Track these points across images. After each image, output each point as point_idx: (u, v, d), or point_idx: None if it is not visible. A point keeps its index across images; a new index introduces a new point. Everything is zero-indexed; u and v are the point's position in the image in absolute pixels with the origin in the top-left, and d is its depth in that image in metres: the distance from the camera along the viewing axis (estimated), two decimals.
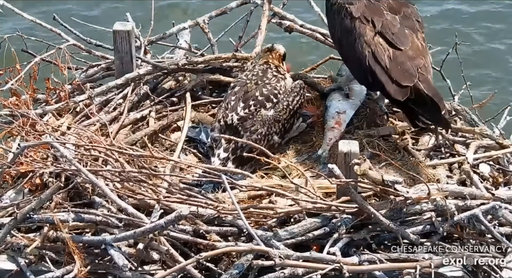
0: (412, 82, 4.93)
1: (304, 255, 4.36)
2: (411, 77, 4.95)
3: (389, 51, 5.07)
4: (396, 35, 5.15)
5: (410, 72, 4.98)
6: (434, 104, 4.90)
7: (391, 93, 4.97)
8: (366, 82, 5.22)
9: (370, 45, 5.11)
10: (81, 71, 6.03)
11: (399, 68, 5.00)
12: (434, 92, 4.95)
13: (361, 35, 5.17)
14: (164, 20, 7.44)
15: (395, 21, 5.22)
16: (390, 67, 5.01)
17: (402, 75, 4.97)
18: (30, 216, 4.53)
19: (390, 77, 4.98)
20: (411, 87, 4.92)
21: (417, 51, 5.12)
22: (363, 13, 5.25)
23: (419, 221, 4.65)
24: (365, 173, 4.44)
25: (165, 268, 4.46)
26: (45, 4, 10.61)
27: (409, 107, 5.01)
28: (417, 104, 4.96)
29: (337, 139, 5.26)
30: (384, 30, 5.16)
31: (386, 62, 5.03)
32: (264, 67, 5.49)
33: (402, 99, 4.91)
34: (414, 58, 5.06)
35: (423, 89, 4.92)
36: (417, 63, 5.04)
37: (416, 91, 4.92)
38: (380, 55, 5.06)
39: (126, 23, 5.82)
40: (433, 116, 4.98)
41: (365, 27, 5.19)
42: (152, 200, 4.62)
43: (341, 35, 5.36)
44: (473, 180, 4.95)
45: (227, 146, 5.14)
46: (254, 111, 5.26)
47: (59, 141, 4.78)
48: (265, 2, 6.22)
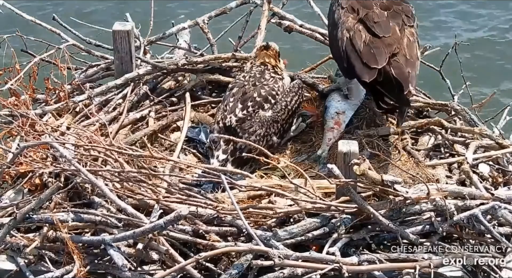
0: (381, 65, 4.95)
1: (303, 255, 4.36)
2: (381, 60, 4.97)
3: (366, 37, 5.11)
4: (378, 24, 5.19)
5: (382, 56, 5.00)
6: (398, 84, 4.92)
7: (358, 74, 4.99)
8: (343, 69, 5.26)
9: (349, 31, 5.17)
10: (81, 71, 6.03)
11: (371, 52, 5.02)
12: (402, 75, 4.96)
13: (343, 23, 5.24)
14: (164, 20, 7.44)
15: (382, 15, 5.27)
16: (363, 51, 5.04)
17: (372, 58, 4.99)
18: (30, 216, 4.53)
19: (361, 60, 5.02)
20: (380, 70, 4.93)
21: (396, 41, 5.13)
22: (351, 4, 5.32)
23: (418, 221, 4.65)
24: (365, 173, 4.44)
25: (165, 268, 4.45)
26: (45, 4, 10.62)
27: (378, 90, 5.01)
28: (385, 87, 4.97)
29: (336, 139, 5.26)
30: (367, 19, 5.21)
31: (360, 46, 5.07)
32: (261, 69, 5.48)
33: (368, 80, 4.93)
34: (390, 45, 5.09)
35: (391, 72, 4.94)
36: (392, 49, 5.06)
37: (385, 74, 4.94)
38: (356, 40, 5.10)
39: (126, 23, 5.82)
40: (396, 96, 4.97)
41: (349, 15, 5.26)
42: (152, 200, 4.62)
43: (331, 27, 5.46)
44: (472, 180, 4.94)
45: (226, 147, 5.14)
46: (252, 112, 5.26)
47: (58, 141, 4.78)
48: (265, 2, 6.23)
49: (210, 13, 6.40)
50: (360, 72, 4.99)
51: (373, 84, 4.96)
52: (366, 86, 5.12)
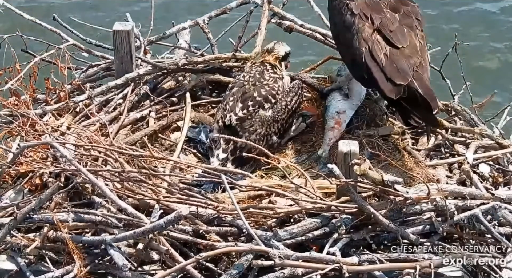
0: (406, 81, 4.92)
1: (303, 255, 4.36)
2: (406, 75, 4.94)
3: (386, 49, 5.06)
4: (394, 33, 5.13)
5: (405, 70, 4.96)
6: (425, 103, 4.90)
7: (384, 91, 4.95)
8: (362, 78, 5.21)
9: (367, 42, 5.09)
10: (81, 71, 6.02)
11: (394, 66, 4.99)
12: (427, 91, 4.93)
13: (359, 32, 5.15)
14: (164, 20, 7.44)
15: (394, 19, 5.21)
16: (386, 64, 5.00)
17: (397, 73, 4.95)
18: (30, 216, 4.53)
19: (385, 74, 4.97)
20: (405, 86, 4.91)
21: (414, 49, 5.11)
22: (362, 9, 5.24)
23: (419, 221, 4.65)
24: (365, 173, 4.44)
25: (165, 268, 4.45)
26: (45, 4, 10.62)
27: (402, 105, 4.99)
28: (410, 103, 4.94)
29: (337, 139, 5.26)
30: (382, 27, 5.15)
31: (382, 59, 5.02)
32: (261, 69, 5.48)
33: (395, 97, 4.90)
34: (410, 57, 5.05)
35: (416, 88, 4.91)
36: (413, 62, 5.03)
37: (409, 90, 4.91)
38: (377, 52, 5.05)
39: (126, 23, 5.82)
40: (424, 115, 4.97)
41: (364, 23, 5.18)
42: (152, 200, 4.62)
43: (340, 31, 5.36)
44: (473, 180, 4.95)
45: (226, 147, 5.14)
46: (252, 111, 5.27)
47: (58, 141, 4.78)
48: (265, 2, 6.23)
49: (210, 13, 6.39)
50: (385, 88, 4.94)
51: (398, 100, 4.93)
52: (390, 102, 5.10)
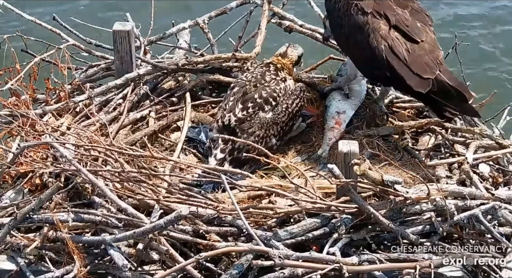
0: (434, 75, 4.92)
1: (303, 255, 4.36)
2: (432, 69, 4.94)
3: (407, 44, 5.04)
4: (411, 28, 5.11)
5: (430, 64, 4.96)
6: (459, 95, 4.89)
7: (412, 86, 4.93)
8: (381, 77, 5.16)
9: (386, 39, 5.06)
10: (81, 71, 6.02)
11: (418, 60, 4.97)
12: (458, 82, 4.95)
13: (375, 30, 5.12)
14: (164, 20, 7.43)
15: (406, 15, 5.20)
16: (410, 60, 4.98)
17: (423, 67, 4.94)
18: (30, 216, 4.53)
19: (410, 70, 4.95)
20: (433, 79, 4.91)
21: (432, 43, 5.11)
22: (374, 8, 5.20)
23: (418, 221, 4.65)
24: (365, 173, 4.44)
25: (165, 268, 4.46)
26: (45, 3, 10.62)
27: (432, 99, 4.97)
28: (442, 96, 4.93)
29: (337, 139, 5.26)
30: (398, 23, 5.13)
31: (404, 55, 5.00)
32: (263, 70, 5.46)
33: (424, 91, 4.89)
34: (432, 50, 5.05)
35: (446, 81, 4.91)
36: (435, 55, 5.03)
37: (438, 83, 4.90)
38: (398, 49, 5.02)
39: (126, 23, 5.82)
40: (461, 106, 4.96)
41: (379, 22, 5.14)
42: (152, 200, 4.62)
43: (349, 31, 5.27)
44: (472, 180, 4.95)
45: (224, 147, 5.14)
46: (252, 113, 5.26)
47: (58, 141, 4.78)
48: (265, 2, 6.23)
49: (210, 13, 6.39)
50: (412, 83, 4.93)
51: (427, 94, 4.92)
52: (419, 97, 5.09)
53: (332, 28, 5.55)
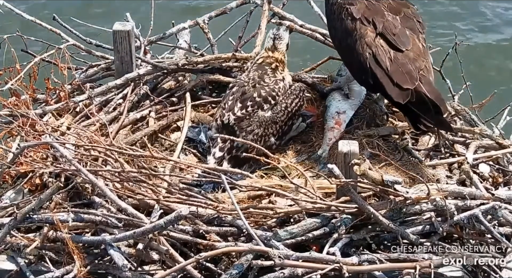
0: (413, 85, 4.90)
1: (303, 255, 4.36)
2: (412, 79, 4.93)
3: (390, 53, 5.05)
4: (397, 36, 5.11)
5: (411, 74, 4.95)
6: (435, 107, 4.89)
7: (392, 96, 4.94)
8: (367, 84, 5.19)
9: (371, 47, 5.08)
10: (81, 71, 6.02)
11: (400, 70, 4.97)
12: (436, 95, 4.93)
13: (362, 36, 5.13)
14: (164, 20, 7.43)
15: (396, 22, 5.19)
16: (391, 69, 4.98)
17: (403, 77, 4.94)
18: (30, 216, 4.53)
19: (391, 79, 4.96)
20: (412, 90, 4.90)
21: (418, 52, 5.10)
22: (363, 13, 5.21)
23: (418, 221, 4.65)
24: (365, 173, 4.44)
25: (165, 268, 4.46)
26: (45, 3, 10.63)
27: (410, 109, 4.98)
28: (419, 107, 4.93)
29: (337, 139, 5.26)
30: (385, 31, 5.13)
31: (387, 64, 5.00)
32: (261, 71, 5.45)
33: (403, 102, 4.89)
34: (415, 60, 5.04)
35: (424, 92, 4.89)
36: (418, 65, 5.01)
37: (417, 94, 4.90)
38: (381, 57, 5.03)
39: (126, 23, 5.82)
40: (435, 119, 4.95)
41: (366, 28, 5.15)
42: (152, 200, 4.62)
43: (341, 36, 5.32)
44: (472, 180, 4.95)
45: (223, 145, 5.14)
46: (251, 112, 5.26)
47: (58, 141, 4.78)
48: (265, 2, 6.23)
49: (210, 13, 6.39)
50: (393, 93, 4.92)
51: (406, 104, 4.92)
52: (398, 107, 5.09)
53: (329, 30, 5.60)
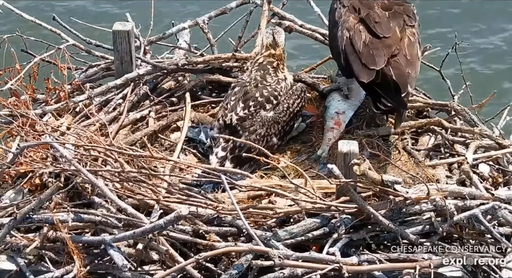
0: (379, 66, 4.97)
1: (303, 255, 4.36)
2: (380, 61, 4.99)
3: (366, 38, 5.13)
4: (378, 24, 5.21)
5: (381, 57, 5.02)
6: (396, 87, 4.93)
7: (356, 74, 5.02)
8: (342, 68, 5.29)
9: (349, 31, 5.19)
10: (81, 71, 6.02)
11: (370, 53, 5.05)
12: (402, 79, 4.99)
13: (344, 22, 5.27)
14: (164, 20, 7.44)
15: (383, 15, 5.28)
16: (362, 51, 5.07)
17: (372, 59, 5.01)
18: (30, 216, 4.53)
19: (360, 60, 5.04)
20: (379, 71, 4.95)
21: (396, 41, 5.15)
22: (352, 4, 5.34)
23: (418, 221, 4.65)
24: (365, 173, 4.44)
25: (165, 268, 4.46)
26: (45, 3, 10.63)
27: (374, 90, 5.02)
28: (381, 87, 4.98)
29: (336, 139, 5.26)
30: (367, 18, 5.23)
31: (360, 46, 5.09)
32: (263, 71, 5.45)
33: (366, 81, 4.95)
34: (390, 46, 5.11)
35: (391, 75, 4.96)
36: (391, 51, 5.08)
37: (383, 76, 4.95)
38: (356, 40, 5.13)
39: (126, 23, 5.82)
40: (393, 97, 4.98)
41: (350, 15, 5.29)
42: (152, 200, 4.62)
43: (331, 25, 5.47)
44: (472, 180, 4.94)
45: (225, 145, 5.15)
46: (253, 111, 5.27)
47: (58, 141, 4.78)
48: (265, 2, 6.23)
49: (210, 13, 6.39)
50: (358, 73, 5.02)
51: (370, 84, 4.97)
52: (363, 87, 5.13)
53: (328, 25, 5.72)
